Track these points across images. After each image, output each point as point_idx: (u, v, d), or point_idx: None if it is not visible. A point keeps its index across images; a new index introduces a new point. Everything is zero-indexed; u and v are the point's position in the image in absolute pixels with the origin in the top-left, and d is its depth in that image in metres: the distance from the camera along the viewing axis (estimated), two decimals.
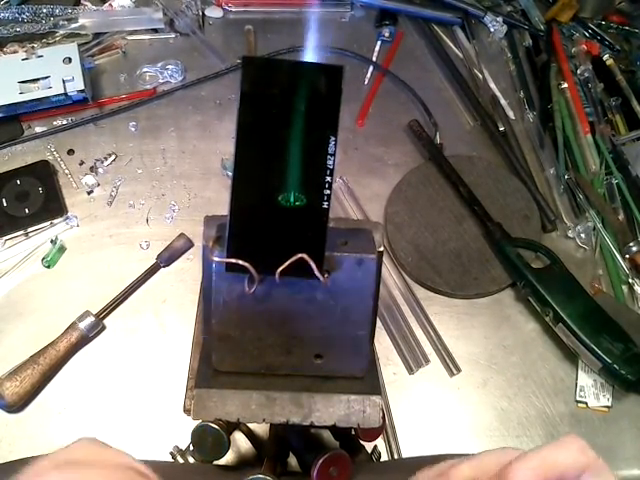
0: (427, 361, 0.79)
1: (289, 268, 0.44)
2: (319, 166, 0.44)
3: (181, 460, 0.69)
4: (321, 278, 0.45)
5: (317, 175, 0.44)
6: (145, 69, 0.96)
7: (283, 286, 0.46)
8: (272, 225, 0.45)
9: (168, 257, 0.82)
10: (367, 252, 0.48)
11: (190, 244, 0.83)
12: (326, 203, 0.44)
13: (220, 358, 0.50)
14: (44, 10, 0.95)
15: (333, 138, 0.43)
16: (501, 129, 0.95)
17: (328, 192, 0.44)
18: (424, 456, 0.72)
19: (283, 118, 0.43)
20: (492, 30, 1.06)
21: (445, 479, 0.38)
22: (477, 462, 0.39)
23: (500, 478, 0.36)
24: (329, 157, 0.43)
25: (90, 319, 0.75)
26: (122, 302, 0.80)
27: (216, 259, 0.45)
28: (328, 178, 0.44)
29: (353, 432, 0.63)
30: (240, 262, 0.44)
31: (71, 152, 0.90)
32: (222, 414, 0.49)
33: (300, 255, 0.44)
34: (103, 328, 0.78)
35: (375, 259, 0.48)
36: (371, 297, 0.49)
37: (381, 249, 0.49)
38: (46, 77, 0.87)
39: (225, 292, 0.47)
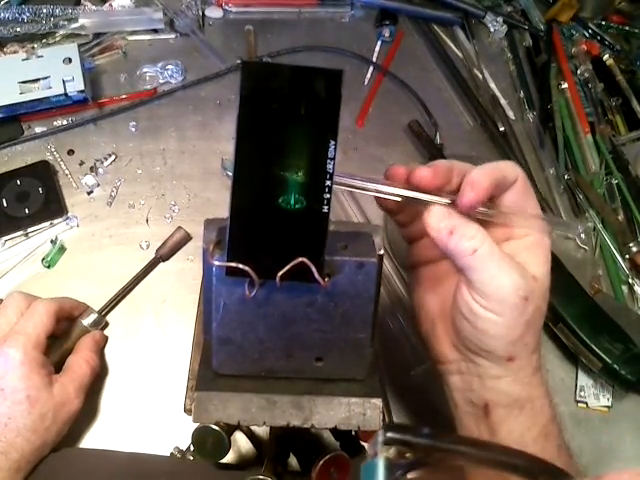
0: (427, 361, 0.79)
1: (289, 272, 0.44)
2: (319, 170, 0.44)
3: None
4: (321, 282, 0.45)
5: (317, 179, 0.44)
6: (145, 69, 0.96)
7: (283, 290, 0.46)
8: (272, 228, 0.45)
9: (167, 251, 0.82)
10: (367, 256, 0.48)
11: (189, 237, 0.83)
12: (326, 207, 0.44)
13: (220, 361, 0.50)
14: (44, 10, 0.94)
15: (333, 142, 0.43)
16: (501, 129, 0.95)
17: (328, 196, 0.44)
18: None
19: (283, 121, 0.43)
20: (492, 30, 1.06)
21: None
22: (451, 162, 0.52)
23: (465, 174, 0.50)
24: (329, 161, 0.43)
25: (93, 316, 0.75)
26: (123, 298, 0.80)
27: (216, 263, 0.45)
28: (328, 182, 0.44)
29: (354, 433, 0.63)
30: (240, 266, 0.44)
31: (71, 152, 0.89)
32: (223, 417, 0.49)
33: (300, 259, 0.44)
34: (106, 325, 0.78)
35: (375, 263, 0.48)
36: (372, 300, 0.49)
37: (381, 252, 0.49)
38: (46, 77, 0.87)
39: (225, 296, 0.47)
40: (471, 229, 0.48)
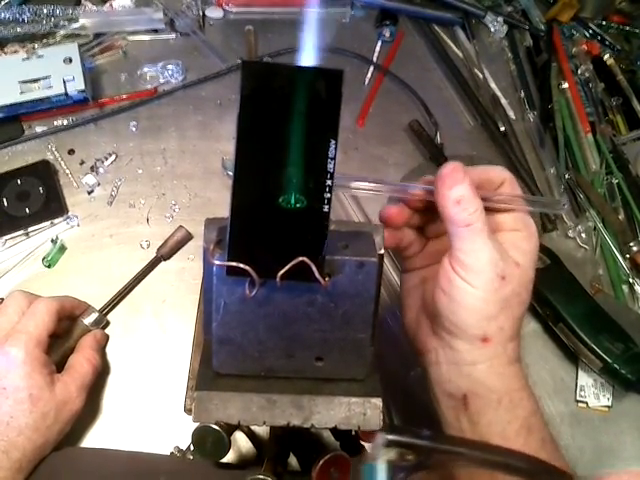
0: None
1: (290, 272, 0.44)
2: (320, 169, 0.44)
3: None
4: (322, 281, 0.45)
5: (318, 179, 0.44)
6: (146, 69, 0.96)
7: (284, 289, 0.46)
8: (273, 228, 0.45)
9: (168, 250, 0.82)
10: (368, 255, 0.48)
11: (189, 236, 0.83)
12: (327, 206, 0.44)
13: (221, 361, 0.50)
14: (45, 10, 0.94)
15: (333, 142, 0.43)
16: (501, 129, 0.95)
17: (328, 196, 0.44)
18: None
19: (283, 122, 0.43)
20: (492, 30, 1.06)
21: None
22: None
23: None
24: (329, 161, 0.43)
25: (95, 315, 0.75)
26: (124, 298, 0.80)
27: (217, 263, 0.45)
28: (329, 182, 0.44)
29: (354, 433, 0.63)
30: (241, 266, 0.44)
31: (72, 152, 0.90)
32: (223, 417, 0.49)
33: (301, 259, 0.44)
34: (107, 324, 0.78)
35: (376, 262, 0.48)
36: (372, 300, 0.49)
37: (382, 252, 0.49)
38: (47, 77, 0.87)
39: (226, 295, 0.47)
40: (473, 205, 0.51)
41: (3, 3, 0.97)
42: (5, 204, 0.83)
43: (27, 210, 0.83)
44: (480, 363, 0.54)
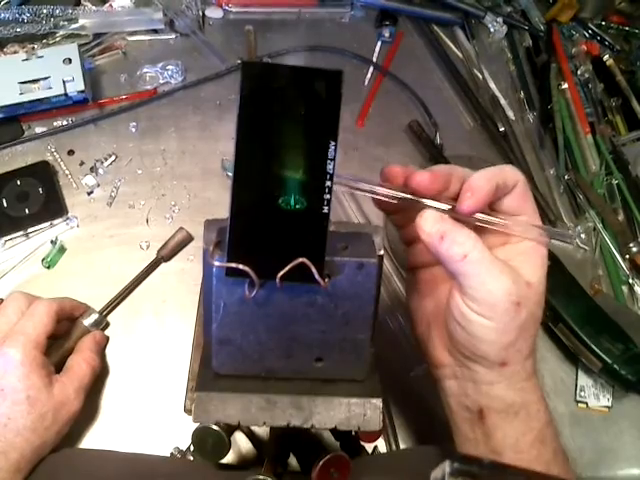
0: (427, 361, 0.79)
1: (290, 273, 0.44)
2: (319, 170, 0.44)
3: None
4: (321, 282, 0.45)
5: (317, 180, 0.44)
6: (145, 69, 0.96)
7: (283, 290, 0.46)
8: (273, 229, 0.45)
9: (169, 251, 0.82)
10: (367, 256, 0.48)
11: (190, 238, 0.83)
12: (326, 207, 0.44)
13: (220, 362, 0.50)
14: (44, 11, 0.94)
15: (333, 143, 0.43)
16: (501, 129, 0.95)
17: (328, 197, 0.44)
18: (423, 446, 0.73)
19: (283, 122, 0.43)
20: (492, 30, 1.06)
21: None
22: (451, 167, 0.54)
23: (464, 180, 0.51)
24: (329, 162, 0.43)
25: (94, 316, 0.75)
26: (124, 299, 0.80)
27: (216, 264, 0.45)
28: (328, 183, 0.44)
29: (354, 433, 0.63)
30: (241, 267, 0.44)
31: (71, 152, 0.90)
32: (223, 417, 0.49)
33: (300, 260, 0.44)
34: (107, 325, 0.78)
35: (376, 263, 0.48)
36: (372, 301, 0.49)
37: (381, 253, 0.49)
38: (46, 77, 0.87)
39: (225, 296, 0.47)
40: (462, 235, 0.48)
41: (3, 3, 0.97)
42: (5, 205, 0.83)
43: (27, 211, 0.83)
44: (498, 383, 0.53)
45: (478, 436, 0.55)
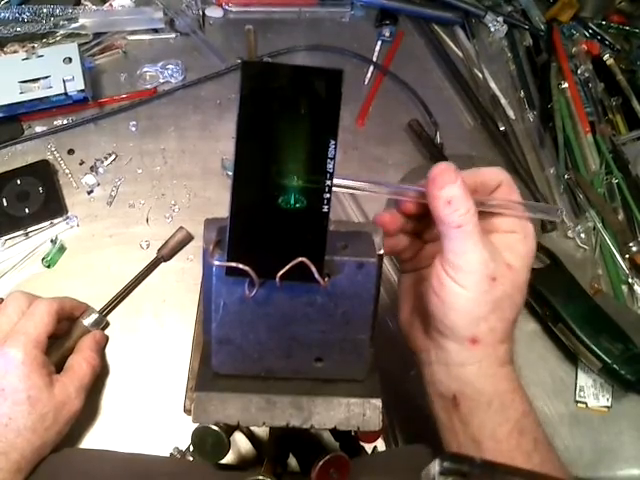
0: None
1: (289, 272, 0.44)
2: (319, 170, 0.44)
3: None
4: (321, 282, 0.45)
5: (317, 179, 0.44)
6: (145, 69, 0.96)
7: (283, 290, 0.46)
8: (272, 228, 0.45)
9: (169, 251, 0.82)
10: (367, 256, 0.48)
11: (190, 237, 0.83)
12: (326, 207, 0.44)
13: (220, 361, 0.50)
14: (44, 10, 0.94)
15: (333, 142, 0.43)
16: (501, 129, 0.95)
17: (328, 196, 0.44)
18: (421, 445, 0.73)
19: (283, 122, 0.43)
20: (492, 30, 1.06)
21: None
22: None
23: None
24: (329, 161, 0.43)
25: (94, 315, 0.75)
26: (124, 298, 0.80)
27: (216, 263, 0.45)
28: (328, 182, 0.44)
29: (353, 434, 0.63)
30: (240, 266, 0.44)
31: (71, 152, 0.90)
32: (222, 417, 0.49)
33: (300, 259, 0.44)
34: (107, 325, 0.78)
35: (375, 263, 0.48)
36: (371, 301, 0.49)
37: (381, 252, 0.49)
38: (46, 77, 0.87)
39: (225, 296, 0.47)
40: (465, 206, 0.50)
41: (3, 3, 0.97)
42: (5, 204, 0.83)
43: (27, 210, 0.83)
44: (469, 365, 0.54)
45: (456, 425, 0.56)
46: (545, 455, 0.55)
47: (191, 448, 0.69)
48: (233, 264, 0.44)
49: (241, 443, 0.71)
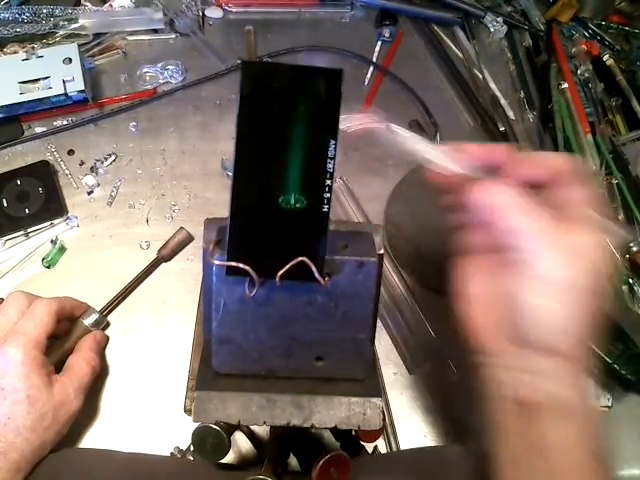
0: (427, 361, 0.79)
1: (289, 271, 0.44)
2: (319, 169, 0.44)
3: None
4: (321, 281, 0.45)
5: (317, 178, 0.44)
6: (145, 69, 0.96)
7: (283, 289, 0.46)
8: (273, 228, 0.45)
9: (169, 251, 0.82)
10: (367, 255, 0.48)
11: (190, 238, 0.83)
12: (326, 206, 0.44)
13: (220, 361, 0.50)
14: (44, 10, 0.94)
15: (333, 142, 0.43)
16: (501, 129, 0.95)
17: (328, 195, 0.44)
18: (423, 447, 0.72)
19: (283, 121, 0.43)
20: (492, 30, 1.06)
21: None
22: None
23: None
24: (329, 160, 0.44)
25: (95, 316, 0.75)
26: (124, 299, 0.80)
27: (216, 262, 0.45)
28: (328, 181, 0.44)
29: (354, 433, 0.64)
30: (241, 265, 0.44)
31: (71, 152, 0.90)
32: (223, 417, 0.49)
33: (300, 258, 0.44)
34: (107, 325, 0.78)
35: (375, 262, 0.48)
36: (371, 300, 0.49)
37: (381, 252, 0.49)
38: (46, 77, 0.87)
39: (225, 295, 0.48)
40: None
41: (3, 3, 0.97)
42: (5, 204, 0.83)
43: (27, 211, 0.83)
44: (551, 376, 0.49)
45: (517, 429, 0.50)
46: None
47: (191, 448, 0.69)
48: (233, 263, 0.44)
49: (241, 443, 0.71)
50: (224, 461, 0.60)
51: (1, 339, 0.64)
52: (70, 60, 0.87)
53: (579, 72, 1.02)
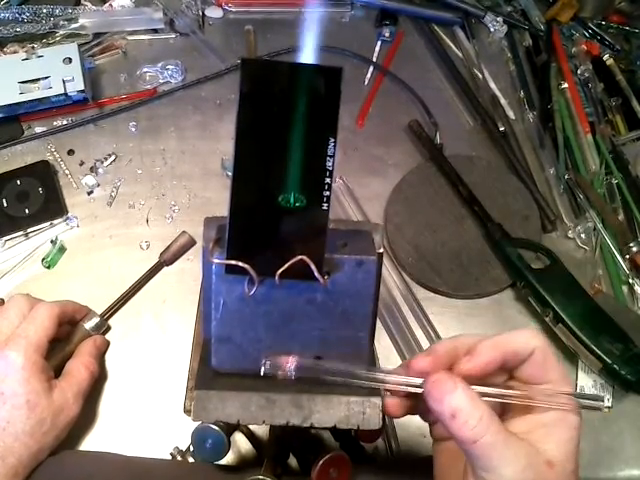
0: None
1: (289, 270, 0.44)
2: (319, 167, 0.44)
3: None
4: (321, 280, 0.45)
5: (317, 176, 0.44)
6: (145, 69, 0.96)
7: (283, 288, 0.46)
8: (272, 226, 0.45)
9: (171, 255, 0.82)
10: (367, 254, 0.48)
11: (193, 242, 0.83)
12: (326, 205, 0.44)
13: (220, 360, 0.50)
14: (44, 10, 0.94)
15: (332, 140, 0.43)
16: (501, 129, 0.95)
17: (328, 194, 0.44)
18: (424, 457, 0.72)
19: (282, 119, 0.43)
20: (492, 30, 1.06)
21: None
22: (456, 339, 0.50)
23: (470, 349, 0.48)
24: (328, 159, 0.43)
25: (96, 319, 0.75)
26: (125, 302, 0.80)
27: (216, 261, 0.45)
28: (328, 180, 0.44)
29: (353, 432, 0.63)
30: (240, 264, 0.44)
31: (71, 152, 0.90)
32: (222, 416, 0.49)
33: (300, 257, 0.44)
34: (108, 329, 0.78)
35: (375, 261, 0.48)
36: (371, 299, 0.49)
37: (381, 250, 0.49)
38: (46, 77, 0.87)
39: (225, 294, 0.47)
40: (475, 415, 0.43)
41: (3, 3, 0.97)
42: (4, 205, 0.83)
43: (26, 211, 0.83)
44: None
45: None
46: None
47: (191, 448, 0.69)
48: (232, 262, 0.44)
49: (241, 443, 0.71)
50: (223, 462, 0.60)
51: (2, 342, 0.64)
52: (70, 60, 0.87)
53: (579, 72, 1.02)
